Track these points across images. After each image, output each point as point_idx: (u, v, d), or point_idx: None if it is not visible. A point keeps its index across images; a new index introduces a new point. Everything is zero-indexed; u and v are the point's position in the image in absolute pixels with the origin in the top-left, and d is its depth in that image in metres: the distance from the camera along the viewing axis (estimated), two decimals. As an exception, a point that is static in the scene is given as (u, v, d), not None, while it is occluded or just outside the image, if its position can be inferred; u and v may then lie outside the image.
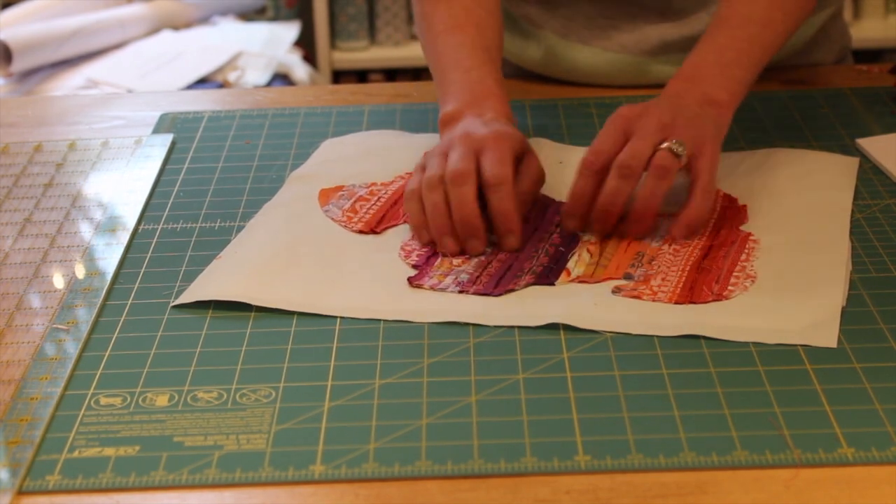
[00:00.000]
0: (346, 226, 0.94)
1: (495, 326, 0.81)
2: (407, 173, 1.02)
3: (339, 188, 1.00)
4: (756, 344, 0.78)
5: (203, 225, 0.97)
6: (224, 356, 0.79)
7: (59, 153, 1.10)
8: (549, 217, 0.95)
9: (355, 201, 0.98)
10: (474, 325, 0.81)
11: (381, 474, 0.68)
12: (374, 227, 0.94)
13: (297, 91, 1.13)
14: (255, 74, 2.26)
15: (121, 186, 1.04)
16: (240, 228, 0.96)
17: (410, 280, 0.87)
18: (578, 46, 1.18)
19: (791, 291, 0.84)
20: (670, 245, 0.90)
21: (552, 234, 0.92)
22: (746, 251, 0.89)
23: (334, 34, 2.88)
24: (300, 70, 2.38)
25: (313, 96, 1.22)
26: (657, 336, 0.79)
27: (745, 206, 0.96)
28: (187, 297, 0.86)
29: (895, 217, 0.94)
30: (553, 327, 0.81)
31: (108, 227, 0.97)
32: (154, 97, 1.28)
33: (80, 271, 0.90)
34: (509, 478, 0.68)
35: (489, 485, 0.67)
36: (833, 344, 0.78)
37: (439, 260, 0.89)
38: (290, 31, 2.50)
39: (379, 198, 0.98)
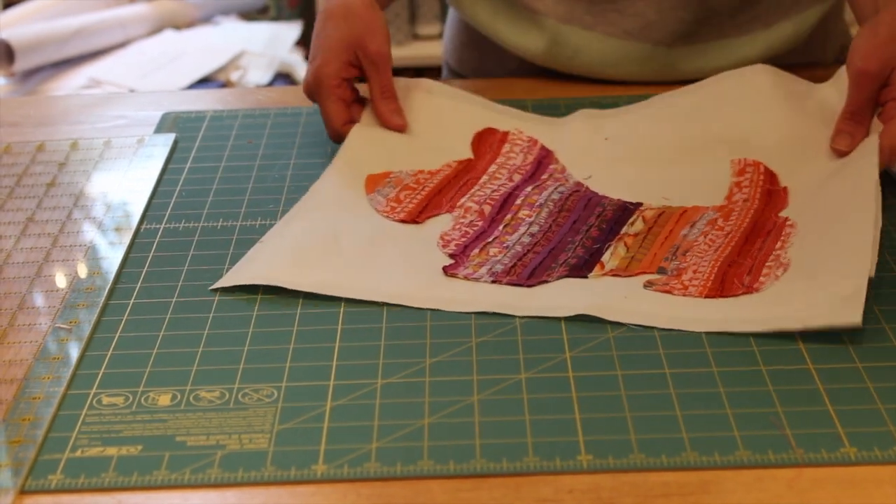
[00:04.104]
0: (388, 215, 0.95)
1: (496, 326, 0.81)
2: (455, 161, 1.03)
3: (387, 174, 1.01)
4: (758, 343, 0.78)
5: (205, 224, 0.97)
6: (226, 356, 0.79)
7: (61, 153, 1.10)
8: (590, 208, 0.95)
9: (400, 190, 0.99)
10: (479, 323, 0.81)
11: (383, 474, 0.68)
12: (416, 217, 0.95)
13: (299, 91, 1.12)
14: (258, 74, 2.27)
15: (123, 186, 1.04)
16: (242, 228, 0.96)
17: (445, 269, 0.88)
18: (581, 32, 1.18)
19: (818, 273, 0.83)
20: (706, 237, 0.90)
21: (591, 228, 0.93)
22: (782, 238, 0.89)
23: (336, 34, 2.87)
24: (302, 70, 2.38)
25: (315, 96, 1.22)
26: (661, 336, 0.79)
27: (786, 188, 0.96)
28: (227, 280, 0.87)
29: (895, 217, 0.94)
30: (556, 328, 0.81)
31: (111, 226, 0.97)
32: (156, 97, 1.28)
33: (82, 271, 0.90)
34: (511, 477, 0.68)
35: (491, 484, 0.67)
36: (858, 322, 0.76)
37: (476, 250, 0.90)
38: (292, 30, 2.50)
39: (424, 187, 0.99)
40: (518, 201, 0.97)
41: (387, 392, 0.75)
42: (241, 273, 0.88)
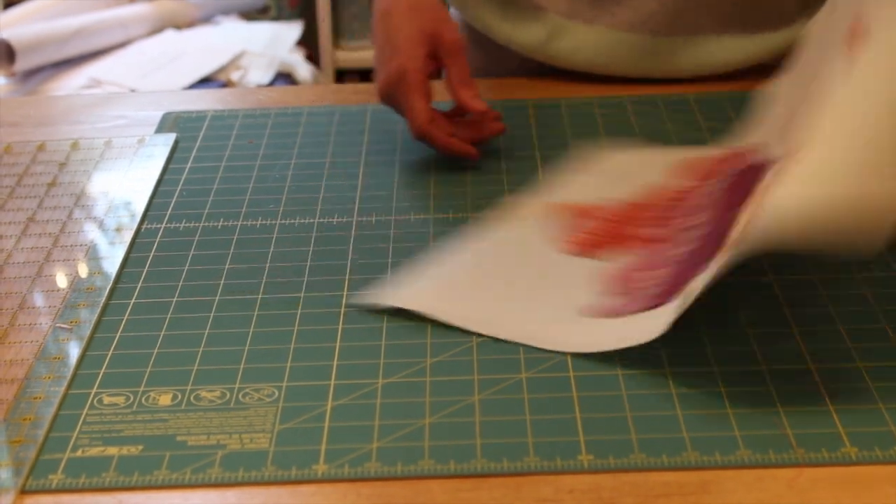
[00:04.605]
0: (562, 247, 0.89)
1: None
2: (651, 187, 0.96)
3: (573, 205, 0.95)
4: (759, 343, 0.78)
5: (206, 224, 0.97)
6: (227, 355, 0.79)
7: (62, 153, 1.11)
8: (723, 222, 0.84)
9: (581, 219, 0.92)
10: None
11: (384, 474, 0.68)
12: (589, 250, 0.88)
13: (299, 90, 1.13)
14: (258, 74, 2.27)
15: (124, 186, 1.04)
16: (242, 228, 0.96)
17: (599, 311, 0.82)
18: (582, 26, 1.18)
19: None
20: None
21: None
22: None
23: (337, 33, 2.88)
24: (303, 69, 2.38)
25: (316, 96, 1.22)
26: (661, 335, 0.79)
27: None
28: (378, 299, 0.83)
29: None
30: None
31: (112, 226, 0.97)
32: (157, 97, 1.28)
33: (83, 270, 0.90)
34: (512, 477, 0.68)
35: (491, 484, 0.67)
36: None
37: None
38: (292, 30, 2.51)
39: (608, 218, 0.93)
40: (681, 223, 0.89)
41: (387, 392, 0.75)
42: (393, 297, 0.83)
